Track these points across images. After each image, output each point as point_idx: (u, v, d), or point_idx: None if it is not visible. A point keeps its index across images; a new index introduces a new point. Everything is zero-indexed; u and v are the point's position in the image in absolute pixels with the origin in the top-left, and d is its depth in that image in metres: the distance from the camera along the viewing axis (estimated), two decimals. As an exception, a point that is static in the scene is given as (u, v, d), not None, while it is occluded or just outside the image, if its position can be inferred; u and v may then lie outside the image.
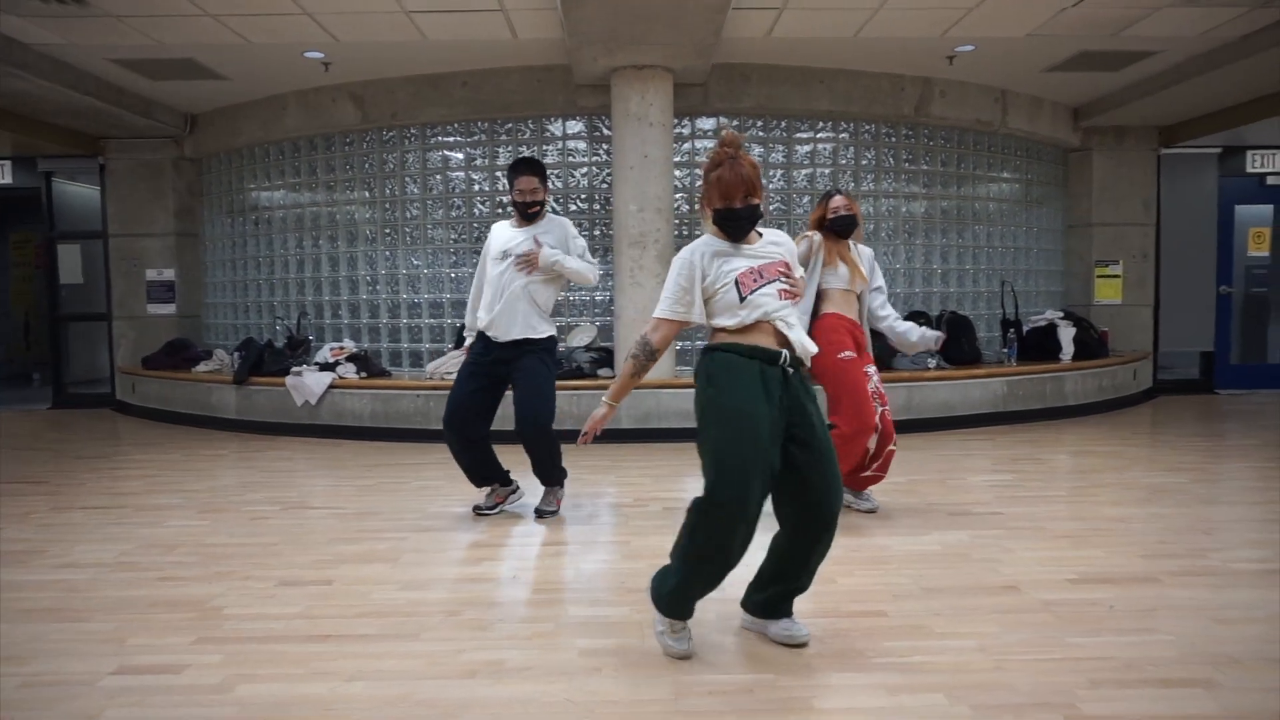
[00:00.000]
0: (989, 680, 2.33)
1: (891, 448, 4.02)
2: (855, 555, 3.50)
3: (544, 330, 4.04)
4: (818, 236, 4.02)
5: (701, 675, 2.40)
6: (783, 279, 2.51)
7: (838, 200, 4.03)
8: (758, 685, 2.33)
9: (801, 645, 2.56)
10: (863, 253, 4.17)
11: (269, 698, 2.29)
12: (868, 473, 4.05)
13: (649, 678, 2.39)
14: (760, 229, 2.60)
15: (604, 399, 2.64)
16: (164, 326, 8.45)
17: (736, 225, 2.49)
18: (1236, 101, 7.43)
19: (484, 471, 4.20)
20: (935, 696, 2.24)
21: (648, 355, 2.55)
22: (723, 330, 2.49)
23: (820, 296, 4.02)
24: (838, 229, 4.02)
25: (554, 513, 4.19)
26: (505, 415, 4.08)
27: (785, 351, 2.45)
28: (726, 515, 2.33)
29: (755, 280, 2.46)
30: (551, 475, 4.19)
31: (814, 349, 2.55)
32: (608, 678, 2.39)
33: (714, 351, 2.49)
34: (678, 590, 2.49)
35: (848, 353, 3.90)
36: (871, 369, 4.03)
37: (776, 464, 2.38)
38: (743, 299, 2.44)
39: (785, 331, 2.47)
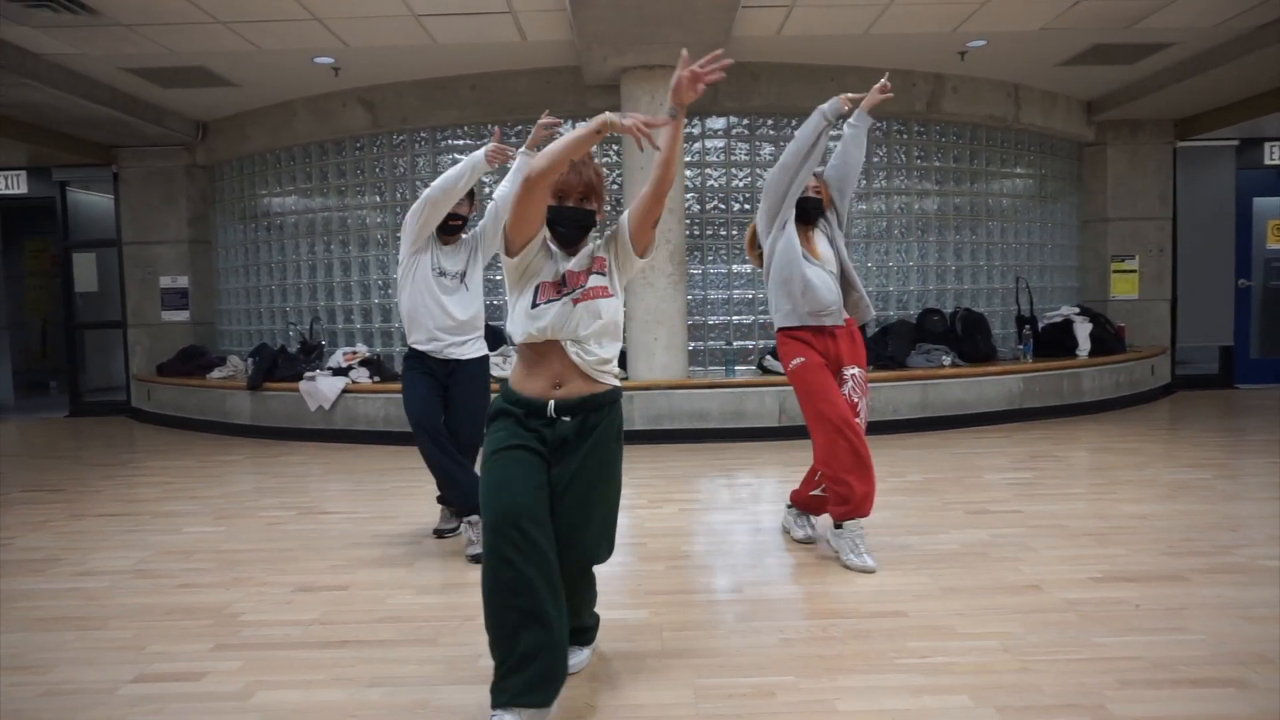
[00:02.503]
0: (1015, 681, 2.29)
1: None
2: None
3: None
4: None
5: (722, 678, 2.37)
6: (587, 280, 2.22)
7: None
8: (779, 688, 2.30)
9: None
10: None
11: (289, 704, 2.28)
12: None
13: (669, 681, 2.36)
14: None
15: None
16: (178, 333, 8.50)
17: (563, 226, 2.24)
18: (1253, 93, 7.34)
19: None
20: (960, 698, 2.21)
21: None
22: (517, 342, 2.27)
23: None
24: (799, 211, 3.49)
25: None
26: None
27: (551, 401, 2.21)
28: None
29: (557, 291, 2.22)
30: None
31: (611, 379, 2.28)
32: (627, 681, 2.37)
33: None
34: None
35: (799, 359, 3.44)
36: (848, 371, 3.48)
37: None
38: (534, 305, 2.21)
39: (577, 358, 2.21)
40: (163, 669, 2.51)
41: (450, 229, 3.64)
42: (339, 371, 6.82)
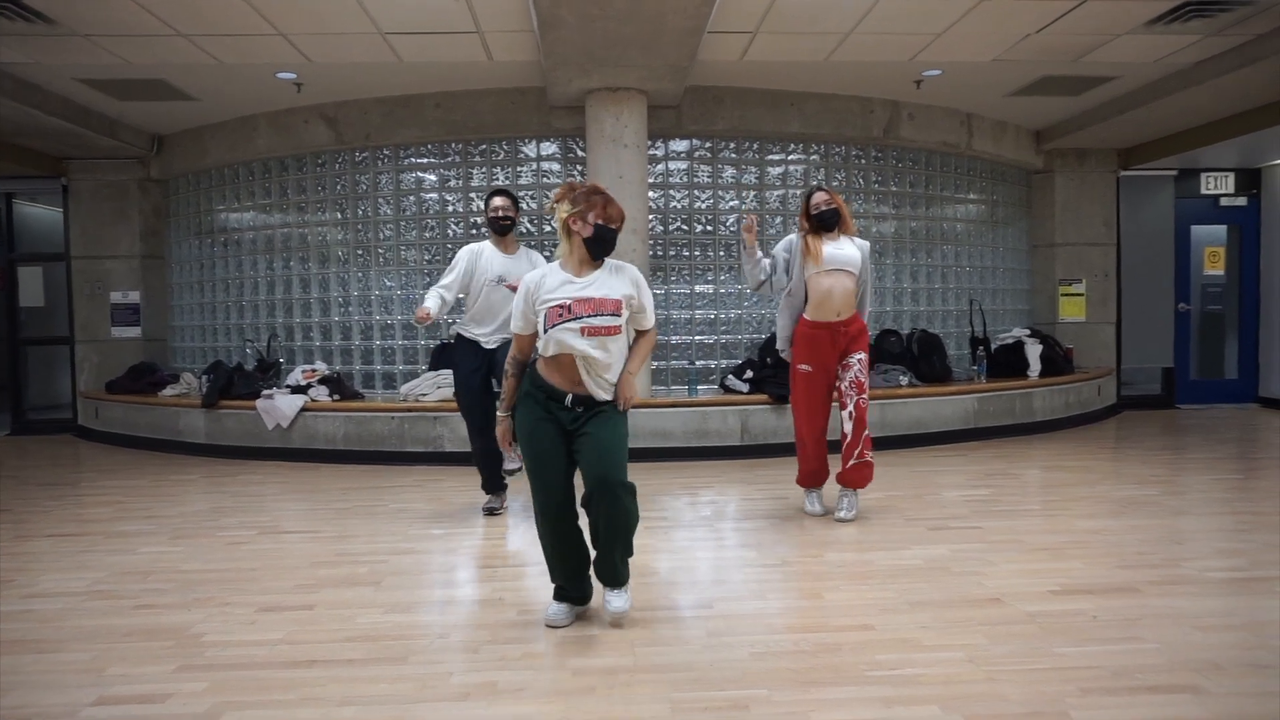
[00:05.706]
0: (981, 691, 2.35)
1: (866, 455, 4.29)
2: (838, 570, 3.53)
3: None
4: (794, 237, 4.39)
5: (697, 692, 2.39)
6: (594, 316, 2.77)
7: (819, 197, 4.34)
8: (753, 700, 2.33)
9: (616, 618, 2.93)
10: (860, 245, 4.37)
11: (257, 725, 2.24)
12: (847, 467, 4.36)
13: (644, 695, 2.37)
14: (609, 259, 2.96)
15: (500, 413, 3.00)
16: (129, 350, 8.29)
17: (604, 243, 2.87)
18: (1190, 125, 7.68)
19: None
20: (930, 708, 2.26)
21: (518, 367, 2.94)
22: (541, 356, 2.87)
23: (806, 291, 4.34)
24: (824, 223, 4.33)
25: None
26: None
27: (570, 394, 2.82)
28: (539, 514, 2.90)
29: (560, 316, 2.78)
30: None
31: (604, 395, 2.85)
32: (602, 697, 2.38)
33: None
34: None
35: (804, 366, 4.36)
36: (853, 358, 4.29)
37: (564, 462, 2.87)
38: (545, 330, 2.79)
39: (582, 372, 2.80)
40: (125, 691, 2.44)
41: (499, 227, 4.45)
42: (297, 389, 6.71)
